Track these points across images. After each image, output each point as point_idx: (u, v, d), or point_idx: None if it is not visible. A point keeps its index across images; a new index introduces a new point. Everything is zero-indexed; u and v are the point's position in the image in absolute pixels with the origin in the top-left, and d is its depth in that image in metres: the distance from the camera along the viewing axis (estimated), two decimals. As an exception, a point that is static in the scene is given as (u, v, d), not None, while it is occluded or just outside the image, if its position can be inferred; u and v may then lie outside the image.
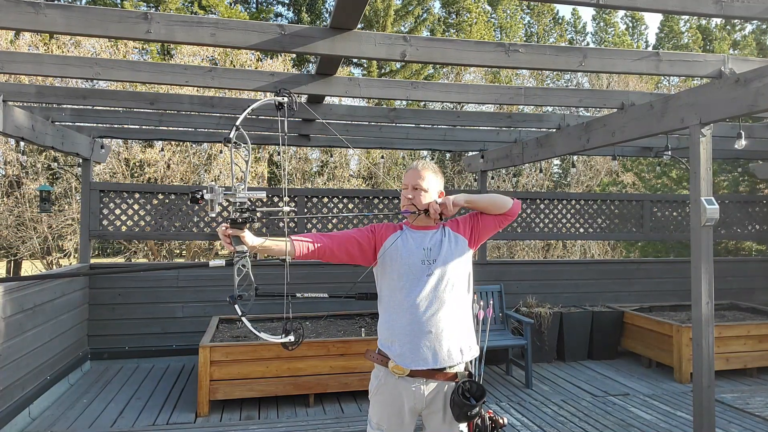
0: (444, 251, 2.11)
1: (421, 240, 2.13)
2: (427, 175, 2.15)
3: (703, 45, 22.24)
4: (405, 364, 2.04)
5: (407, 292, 2.06)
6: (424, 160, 2.22)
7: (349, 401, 4.64)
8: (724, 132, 5.24)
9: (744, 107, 3.18)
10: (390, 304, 2.12)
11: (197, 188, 1.83)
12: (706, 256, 3.48)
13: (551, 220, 6.93)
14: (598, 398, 4.80)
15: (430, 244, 2.12)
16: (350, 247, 2.11)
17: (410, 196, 2.15)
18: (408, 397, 2.06)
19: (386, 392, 2.10)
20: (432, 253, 2.10)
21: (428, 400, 2.06)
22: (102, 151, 5.94)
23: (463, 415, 1.99)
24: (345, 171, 14.94)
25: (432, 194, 2.16)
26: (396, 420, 2.09)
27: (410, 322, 2.05)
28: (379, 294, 2.19)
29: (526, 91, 4.43)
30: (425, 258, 2.09)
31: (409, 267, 2.08)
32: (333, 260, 2.11)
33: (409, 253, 2.10)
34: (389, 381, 2.09)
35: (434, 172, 2.19)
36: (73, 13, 2.71)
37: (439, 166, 15.57)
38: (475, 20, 21.86)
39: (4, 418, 3.77)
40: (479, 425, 2.05)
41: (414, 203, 2.14)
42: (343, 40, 2.99)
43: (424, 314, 2.04)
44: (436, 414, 2.08)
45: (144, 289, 5.79)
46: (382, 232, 2.17)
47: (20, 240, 11.60)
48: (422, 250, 2.10)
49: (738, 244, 10.89)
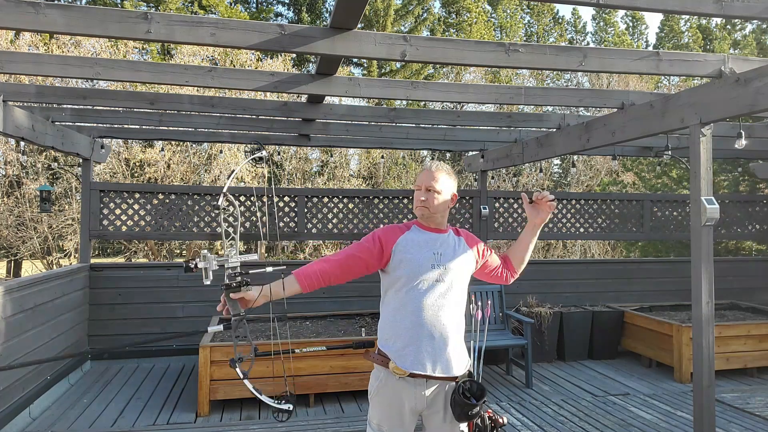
0: (455, 259, 2.11)
1: (432, 243, 2.12)
2: (440, 176, 2.14)
3: (703, 45, 22.23)
4: (404, 366, 2.03)
5: (414, 294, 2.05)
6: (438, 162, 2.21)
7: (350, 401, 4.64)
8: (724, 132, 5.24)
9: (744, 107, 3.18)
10: (394, 304, 2.10)
11: (187, 261, 1.89)
12: (707, 255, 3.48)
13: (551, 219, 6.92)
14: (598, 398, 4.80)
15: (441, 249, 2.11)
16: (355, 268, 2.09)
17: (423, 198, 2.12)
18: (409, 397, 2.06)
19: (387, 393, 2.09)
20: (443, 258, 2.09)
21: (429, 400, 2.06)
22: (102, 151, 5.94)
23: (463, 414, 1.99)
24: (345, 171, 14.94)
25: (445, 196, 2.14)
26: (396, 421, 2.08)
27: (414, 324, 2.04)
28: (383, 294, 2.18)
29: (526, 91, 4.43)
30: (435, 262, 2.08)
31: (418, 269, 2.06)
32: (340, 283, 2.12)
33: (418, 255, 2.08)
34: (390, 382, 2.08)
35: (448, 174, 2.17)
36: (73, 13, 2.71)
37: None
38: (475, 20, 21.88)
39: (4, 418, 3.77)
40: (479, 425, 2.06)
41: (427, 205, 2.12)
42: (343, 39, 2.99)
43: (428, 318, 2.04)
44: (436, 414, 2.08)
45: (144, 289, 5.79)
46: (388, 237, 2.13)
47: (20, 240, 11.61)
48: (432, 254, 2.09)
49: (738, 244, 10.89)
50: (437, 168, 2.16)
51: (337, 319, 5.56)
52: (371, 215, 6.52)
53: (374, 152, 14.15)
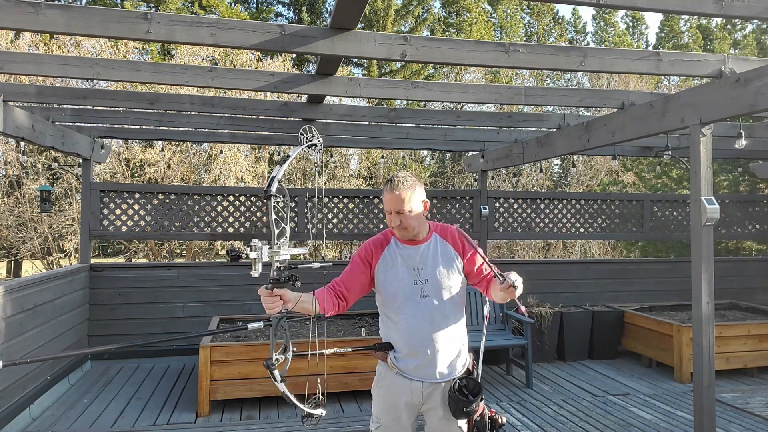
0: (434, 269, 2.08)
1: (411, 258, 2.09)
2: (406, 195, 2.02)
3: (703, 45, 22.22)
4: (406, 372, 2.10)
5: (402, 315, 2.07)
6: (396, 181, 2.06)
7: (350, 401, 4.64)
8: (724, 132, 5.24)
9: (744, 107, 3.18)
10: (387, 323, 2.16)
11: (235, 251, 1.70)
12: (707, 255, 3.48)
13: (551, 219, 6.93)
14: (598, 398, 4.79)
15: (421, 263, 2.08)
16: (361, 291, 2.12)
17: (398, 222, 2.04)
18: (404, 392, 2.09)
19: (384, 386, 2.15)
20: (423, 273, 2.07)
21: (425, 395, 2.08)
22: (102, 151, 5.94)
23: (459, 411, 2.01)
24: (345, 171, 14.94)
25: (417, 210, 2.05)
26: (393, 414, 2.11)
27: (406, 343, 2.08)
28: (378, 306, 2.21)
29: (526, 91, 4.43)
30: (417, 278, 2.07)
31: (401, 288, 2.07)
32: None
33: (400, 274, 2.08)
34: (388, 375, 2.14)
35: (411, 188, 2.04)
36: (74, 14, 2.71)
37: (439, 165, 15.46)
38: (475, 20, 21.87)
39: (4, 418, 3.77)
40: (478, 423, 2.06)
41: (404, 227, 2.05)
42: (344, 40, 2.99)
43: (418, 335, 2.06)
44: (435, 410, 2.10)
45: (144, 289, 5.80)
46: (372, 253, 2.13)
47: (21, 240, 11.61)
48: (412, 270, 2.08)
49: (738, 244, 10.89)
50: (400, 188, 2.03)
51: (337, 319, 5.56)
52: (371, 215, 6.52)
53: (374, 152, 14.15)
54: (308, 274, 1.80)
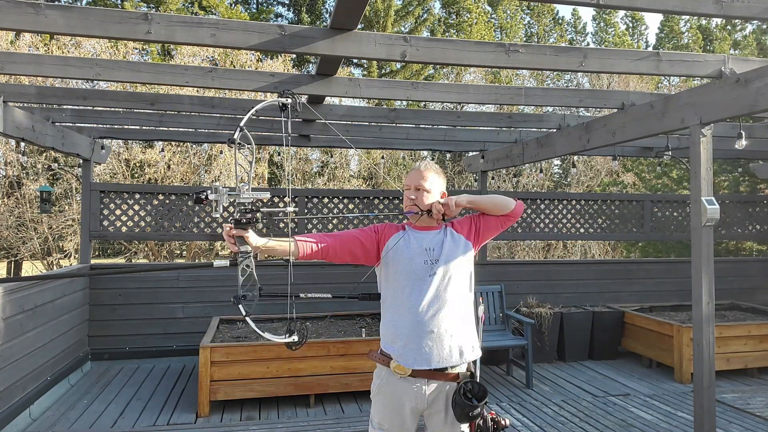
0: (445, 251, 2.10)
1: (423, 240, 2.13)
2: (429, 175, 2.15)
3: (703, 45, 22.22)
4: (407, 364, 2.04)
5: (410, 292, 2.06)
6: (427, 161, 2.22)
7: (350, 402, 4.64)
8: (725, 132, 5.24)
9: (744, 107, 3.18)
10: (393, 304, 2.12)
11: (201, 189, 1.82)
12: (707, 256, 3.48)
13: (551, 220, 6.93)
14: (598, 398, 4.79)
15: (432, 245, 2.12)
16: (353, 247, 2.11)
17: (413, 196, 2.15)
18: (409, 397, 2.06)
19: (388, 392, 2.10)
20: (434, 253, 2.10)
21: (430, 400, 2.06)
22: (102, 152, 5.94)
23: (464, 415, 1.99)
24: (345, 171, 14.94)
25: (434, 194, 2.16)
26: (397, 420, 2.09)
27: (412, 322, 2.05)
28: (382, 294, 2.19)
29: (526, 91, 4.43)
30: (428, 258, 2.09)
31: (411, 267, 2.08)
32: (336, 260, 2.11)
33: (411, 253, 2.10)
34: (391, 381, 2.09)
35: (437, 173, 2.19)
36: (74, 14, 2.71)
37: (440, 166, 15.58)
38: (475, 20, 21.87)
39: (4, 418, 3.77)
40: (481, 426, 2.05)
41: (417, 204, 2.14)
42: (344, 40, 2.99)
43: (426, 314, 2.04)
44: (437, 414, 2.08)
45: (144, 289, 5.80)
46: (385, 232, 2.17)
47: (21, 240, 11.61)
48: (424, 251, 2.10)
49: (738, 244, 10.89)
50: (426, 167, 2.17)
51: (338, 319, 5.56)
52: (372, 216, 6.52)
53: (374, 153, 14.15)
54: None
